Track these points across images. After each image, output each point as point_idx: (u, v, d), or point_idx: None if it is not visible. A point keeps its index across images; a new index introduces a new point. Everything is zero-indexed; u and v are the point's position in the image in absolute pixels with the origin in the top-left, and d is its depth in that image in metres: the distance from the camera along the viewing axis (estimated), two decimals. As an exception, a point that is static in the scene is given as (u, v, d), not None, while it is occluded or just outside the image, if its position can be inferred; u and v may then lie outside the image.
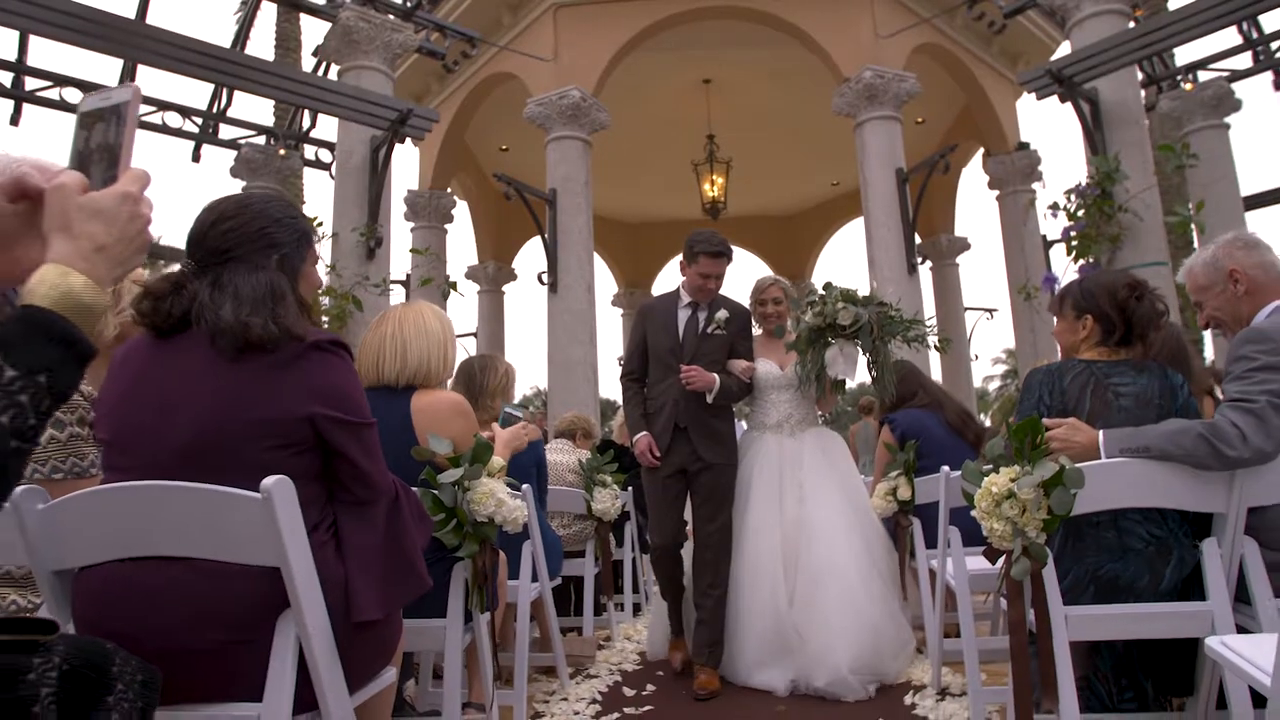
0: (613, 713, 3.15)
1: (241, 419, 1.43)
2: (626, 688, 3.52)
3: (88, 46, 6.32)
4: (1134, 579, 2.10)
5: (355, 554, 1.48)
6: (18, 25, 6.52)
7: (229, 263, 1.56)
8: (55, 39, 6.15)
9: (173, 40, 5.86)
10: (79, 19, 5.62)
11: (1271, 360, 1.97)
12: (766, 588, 3.52)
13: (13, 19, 5.76)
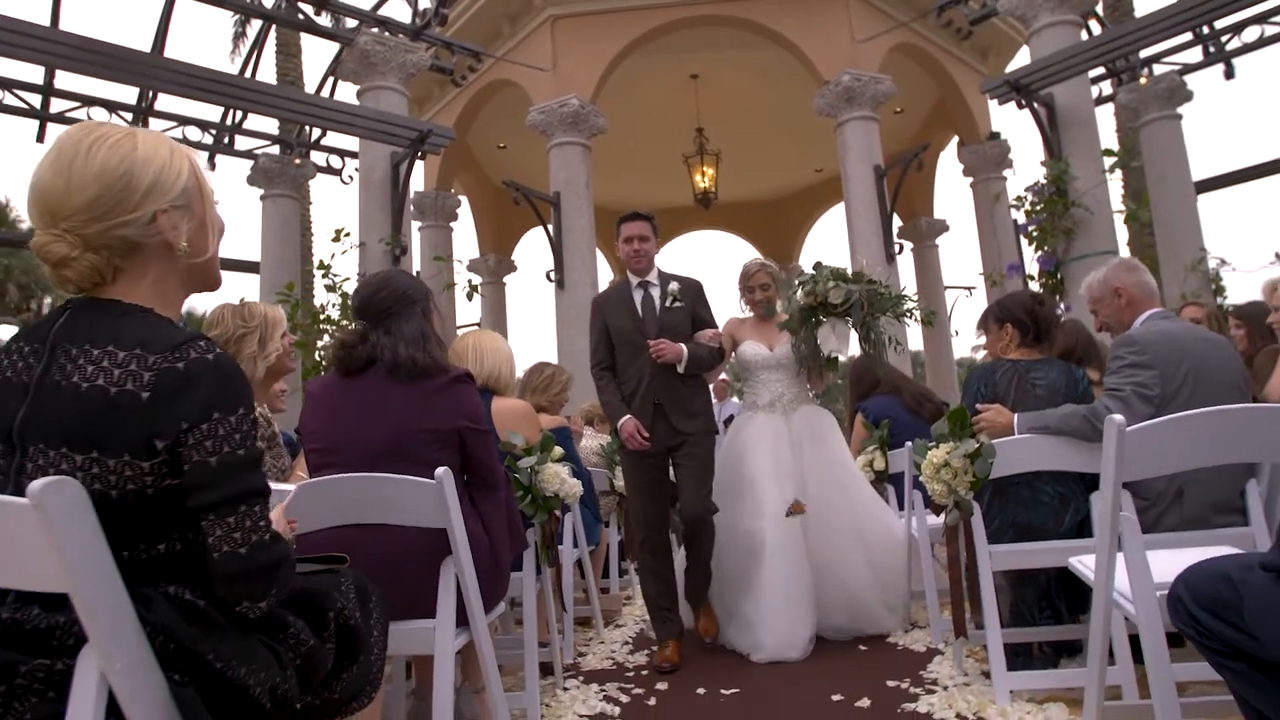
0: (641, 651, 3.84)
1: (415, 428, 2.11)
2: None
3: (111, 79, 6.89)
4: (1042, 524, 2.81)
5: (488, 520, 2.17)
6: (45, 62, 7.08)
7: (390, 318, 2.26)
8: (80, 73, 6.72)
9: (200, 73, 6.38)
10: (100, 54, 6.03)
11: (1138, 359, 2.66)
12: (762, 565, 3.63)
13: (40, 56, 6.28)
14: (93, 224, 1.23)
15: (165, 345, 1.21)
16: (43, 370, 1.22)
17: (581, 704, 2.96)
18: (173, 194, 1.30)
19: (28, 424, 1.20)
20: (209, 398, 1.20)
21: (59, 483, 1.02)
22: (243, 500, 1.22)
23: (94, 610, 1.06)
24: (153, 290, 1.31)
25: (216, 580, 1.23)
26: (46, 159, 1.25)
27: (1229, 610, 1.26)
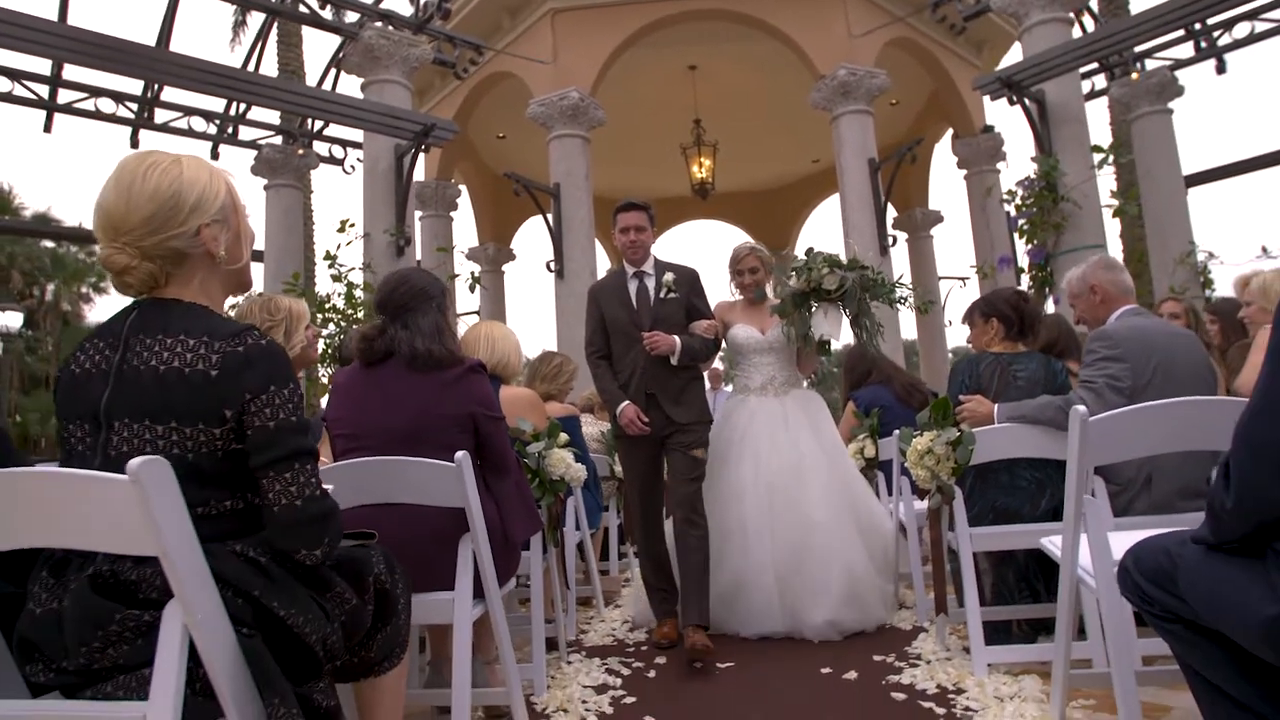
0: (640, 630, 4.02)
1: (434, 414, 2.28)
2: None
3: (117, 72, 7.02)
4: (1019, 508, 2.99)
5: (501, 501, 2.34)
6: (52, 55, 7.23)
7: (408, 312, 2.42)
8: (87, 66, 6.85)
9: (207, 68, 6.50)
10: (107, 48, 6.14)
11: (1110, 353, 2.82)
12: (754, 546, 3.67)
13: (48, 50, 6.40)
14: (148, 237, 1.45)
15: (227, 333, 1.43)
16: (120, 359, 1.42)
17: (585, 676, 3.14)
18: (213, 210, 1.52)
19: (112, 404, 1.40)
20: (267, 374, 1.42)
21: (153, 461, 1.19)
22: (296, 458, 1.43)
23: (179, 570, 1.23)
24: (199, 292, 1.53)
25: (275, 531, 1.43)
26: (109, 184, 1.46)
27: (1166, 579, 1.43)
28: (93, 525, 1.23)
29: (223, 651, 1.29)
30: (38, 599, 1.36)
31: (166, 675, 1.24)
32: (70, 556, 1.37)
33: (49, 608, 1.33)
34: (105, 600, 1.30)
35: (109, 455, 1.38)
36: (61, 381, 1.48)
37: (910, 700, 2.65)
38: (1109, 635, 1.91)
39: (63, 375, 1.49)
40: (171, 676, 1.24)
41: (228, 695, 1.30)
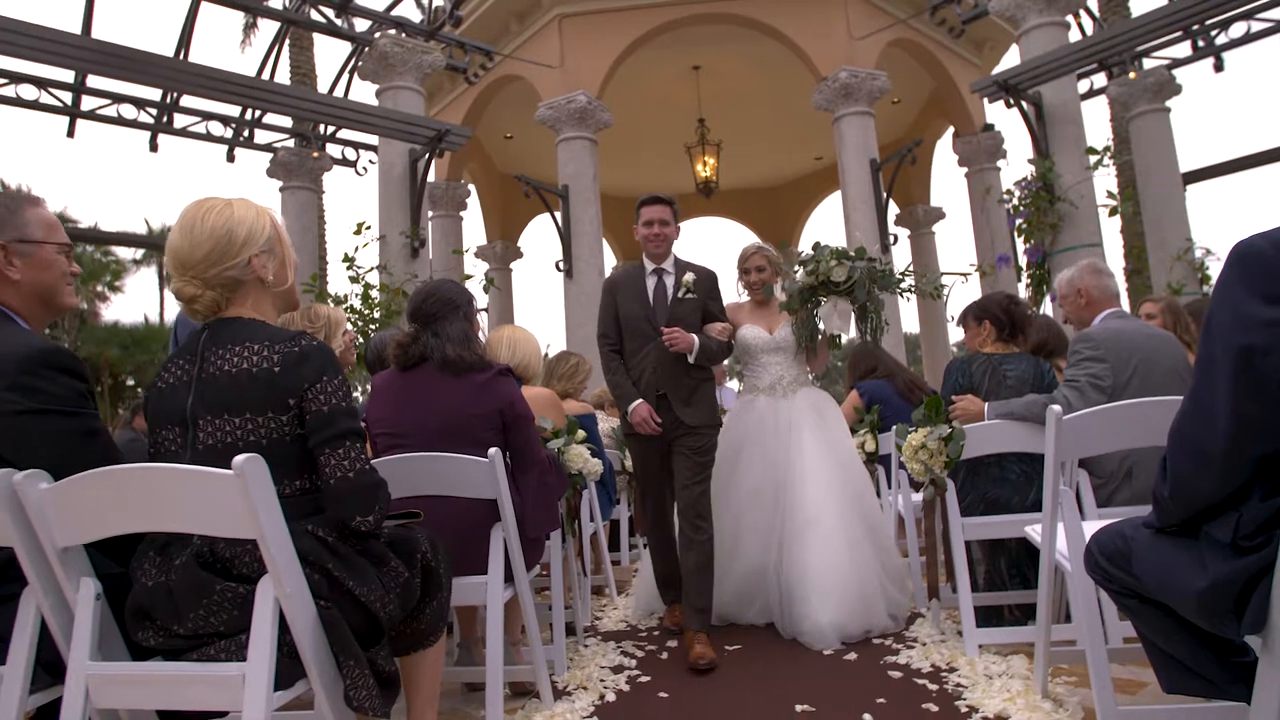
0: (652, 616, 4.23)
1: (467, 414, 2.50)
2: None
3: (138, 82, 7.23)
4: (1008, 498, 3.20)
5: (526, 496, 2.56)
6: (76, 67, 7.47)
7: (437, 321, 2.64)
8: (108, 77, 7.09)
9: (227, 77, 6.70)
10: (128, 60, 6.37)
11: (1093, 354, 3.03)
12: (761, 547, 3.69)
13: (72, 61, 6.64)
14: (209, 269, 1.72)
15: (284, 337, 1.70)
16: (198, 370, 1.68)
17: (602, 658, 3.35)
18: (261, 242, 1.78)
19: (196, 406, 1.66)
20: (320, 366, 1.68)
21: (253, 458, 1.40)
22: (347, 437, 1.68)
23: (273, 550, 1.44)
24: (254, 311, 1.80)
25: (332, 501, 1.66)
26: (174, 230, 1.76)
27: (1123, 559, 1.64)
28: (202, 512, 1.45)
29: (306, 620, 1.51)
30: (147, 574, 1.58)
31: (261, 640, 1.46)
32: (172, 538, 1.60)
33: (158, 581, 1.56)
34: (207, 574, 1.52)
35: (197, 449, 1.64)
36: (150, 398, 1.75)
37: (906, 678, 2.87)
38: (1080, 612, 2.12)
39: (151, 393, 1.76)
40: (266, 641, 1.46)
41: (310, 658, 1.52)
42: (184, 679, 1.54)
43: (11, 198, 1.84)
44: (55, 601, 1.59)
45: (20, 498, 1.52)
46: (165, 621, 1.56)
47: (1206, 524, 1.39)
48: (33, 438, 1.62)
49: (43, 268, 1.83)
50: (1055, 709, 2.36)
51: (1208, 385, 1.31)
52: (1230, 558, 1.32)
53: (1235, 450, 1.28)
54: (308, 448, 1.67)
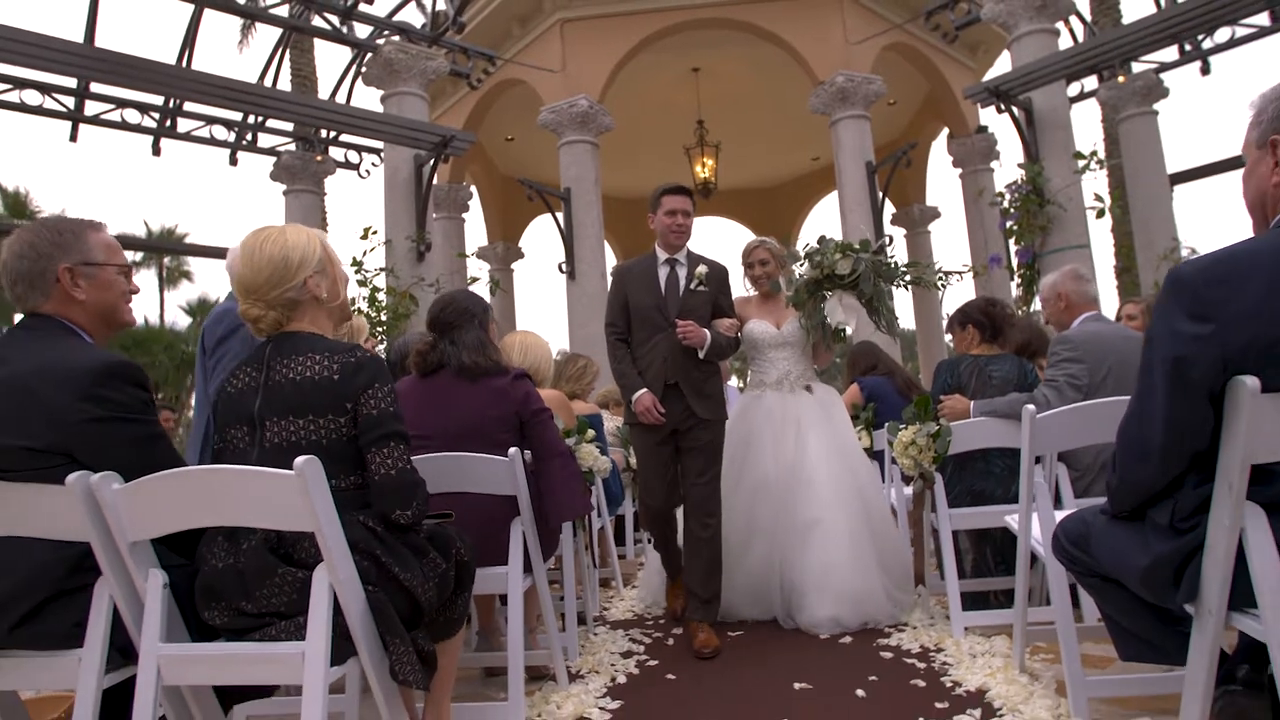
0: (657, 605, 4.42)
1: (487, 416, 2.69)
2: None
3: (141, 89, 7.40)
4: (993, 491, 3.39)
5: (554, 484, 2.75)
6: (80, 75, 7.63)
7: (454, 329, 2.83)
8: (112, 84, 7.26)
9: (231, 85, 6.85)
10: (131, 68, 6.53)
11: (1070, 355, 3.22)
12: (766, 542, 3.71)
13: (76, 70, 6.82)
14: (270, 292, 1.93)
15: (342, 350, 1.92)
16: (265, 377, 1.89)
17: (612, 644, 3.54)
18: (313, 264, 1.99)
19: (263, 408, 1.86)
20: (372, 375, 1.89)
21: (311, 460, 1.59)
22: (392, 438, 1.89)
23: (328, 541, 1.63)
24: (312, 326, 2.00)
25: (377, 495, 1.86)
26: (239, 259, 1.97)
27: (1084, 542, 1.83)
28: (267, 508, 1.64)
29: (357, 604, 1.70)
30: (216, 557, 1.78)
31: (319, 621, 1.64)
32: (239, 527, 1.78)
33: (227, 563, 1.76)
34: (273, 557, 1.72)
35: (264, 447, 1.84)
36: (220, 400, 1.95)
37: (896, 658, 3.06)
38: (1054, 594, 2.31)
39: (220, 395, 1.96)
40: (322, 622, 1.64)
41: (360, 637, 1.71)
42: (246, 657, 1.73)
43: (75, 223, 2.02)
44: (126, 591, 1.77)
45: (96, 497, 1.70)
46: (233, 600, 1.75)
47: (1150, 509, 1.58)
48: (104, 443, 1.80)
49: (105, 288, 2.01)
50: (1031, 682, 2.55)
51: (1148, 391, 1.50)
52: (1169, 538, 1.51)
53: (1171, 446, 1.47)
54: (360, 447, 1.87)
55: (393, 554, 1.81)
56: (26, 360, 1.82)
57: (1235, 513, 1.37)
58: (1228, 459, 1.37)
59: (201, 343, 3.42)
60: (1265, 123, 1.51)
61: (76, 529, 1.70)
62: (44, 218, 2.10)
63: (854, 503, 3.72)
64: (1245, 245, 1.44)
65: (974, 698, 2.54)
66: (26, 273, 1.92)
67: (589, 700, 2.77)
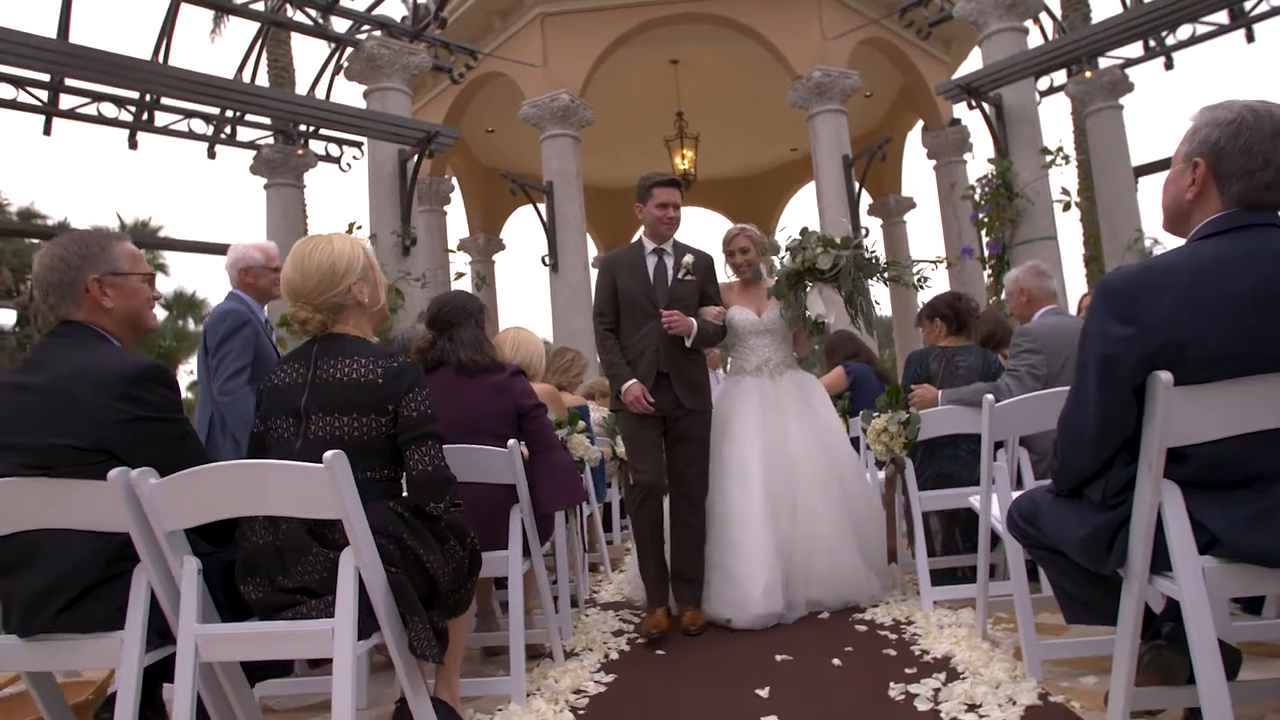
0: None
1: (486, 410, 2.86)
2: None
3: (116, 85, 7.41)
4: (960, 474, 3.61)
5: (551, 474, 2.93)
6: (54, 71, 7.64)
7: (452, 327, 2.99)
8: (86, 80, 7.28)
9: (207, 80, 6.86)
10: (106, 64, 6.54)
11: (1030, 346, 3.44)
12: (750, 527, 3.68)
13: (50, 66, 6.84)
14: (318, 297, 2.12)
15: (384, 355, 2.13)
16: (312, 374, 2.08)
17: (603, 624, 3.74)
18: (357, 271, 2.18)
19: (310, 403, 2.05)
20: (412, 380, 2.09)
21: (338, 455, 1.76)
22: (429, 438, 2.09)
23: (354, 528, 1.80)
24: (355, 329, 2.19)
25: (413, 489, 2.06)
26: (288, 265, 2.16)
27: (1033, 518, 2.03)
28: (299, 497, 1.80)
29: (379, 584, 1.88)
30: (256, 534, 1.96)
31: (346, 600, 1.82)
32: None
33: (267, 540, 1.95)
34: (308, 538, 1.90)
35: (308, 438, 2.04)
36: (266, 391, 2.15)
37: (870, 631, 3.28)
38: (1012, 568, 2.52)
39: (266, 387, 2.15)
40: (350, 601, 1.82)
41: (383, 614, 1.89)
42: (278, 634, 1.91)
43: (102, 235, 2.16)
44: (162, 576, 1.93)
45: (135, 490, 1.86)
46: (271, 575, 1.93)
47: (1086, 488, 1.79)
48: (140, 440, 1.95)
49: (130, 295, 2.15)
50: (991, 648, 2.77)
51: (1082, 384, 1.70)
52: (1102, 512, 1.72)
53: (1102, 433, 1.67)
54: (396, 444, 2.07)
55: (418, 538, 1.99)
56: (64, 365, 1.97)
57: (1154, 489, 1.57)
58: (1148, 443, 1.57)
59: (204, 342, 3.56)
60: (1195, 143, 1.69)
61: (117, 520, 1.86)
62: (72, 231, 2.23)
63: (833, 487, 3.79)
64: (1164, 259, 1.65)
65: (940, 663, 2.76)
66: (58, 284, 2.07)
67: (584, 675, 2.96)
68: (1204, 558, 1.56)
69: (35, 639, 1.92)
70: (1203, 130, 1.67)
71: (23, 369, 2.03)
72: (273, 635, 1.91)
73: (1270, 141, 1.61)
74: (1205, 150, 1.65)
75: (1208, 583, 1.55)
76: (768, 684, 2.70)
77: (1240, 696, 1.92)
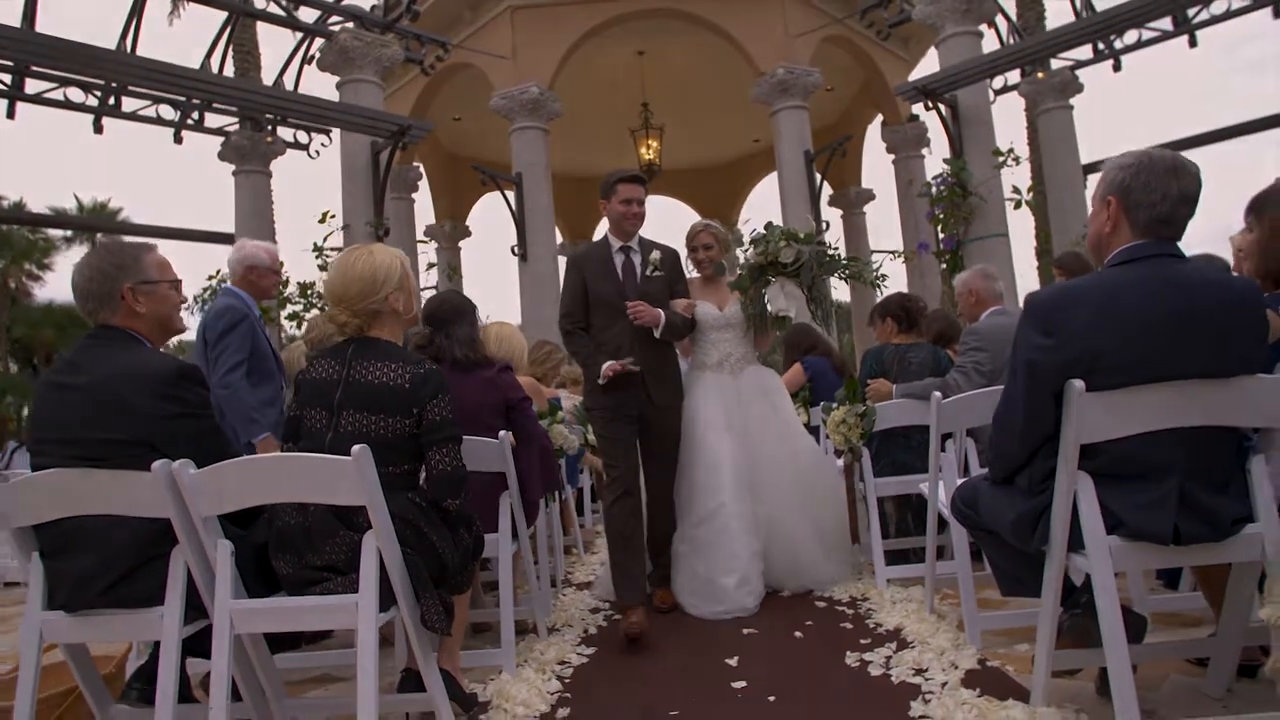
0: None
1: (479, 404, 3.08)
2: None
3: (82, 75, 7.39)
4: (913, 463, 3.92)
5: (534, 463, 3.16)
6: (18, 59, 7.55)
7: (448, 325, 3.20)
8: (51, 69, 7.24)
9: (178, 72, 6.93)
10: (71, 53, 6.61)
11: (977, 345, 3.75)
12: (719, 522, 3.75)
13: (14, 55, 6.82)
14: (358, 303, 2.34)
15: (413, 361, 2.34)
16: (347, 373, 2.30)
17: (580, 603, 3.99)
18: (395, 281, 2.40)
19: (343, 401, 2.26)
20: (437, 386, 2.31)
21: (364, 449, 1.97)
22: (450, 440, 2.31)
23: (376, 514, 2.02)
24: (388, 334, 2.41)
25: (433, 485, 2.29)
26: (332, 272, 2.39)
27: (973, 503, 2.32)
28: (329, 485, 2.02)
29: (396, 564, 2.10)
30: (289, 514, 2.17)
31: (369, 577, 2.04)
32: None
33: (298, 520, 2.16)
34: (335, 520, 2.10)
35: (339, 431, 2.25)
36: (303, 382, 2.37)
37: (829, 606, 3.59)
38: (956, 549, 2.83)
39: (303, 379, 2.37)
40: (372, 579, 2.04)
41: (399, 590, 2.11)
42: (305, 608, 2.12)
43: (133, 247, 2.34)
44: (198, 558, 2.12)
45: (176, 480, 2.05)
46: (301, 553, 2.14)
47: (1016, 477, 2.08)
48: (178, 434, 2.14)
49: (160, 301, 2.33)
50: (938, 621, 3.09)
51: (1012, 386, 1.99)
52: (1028, 498, 2.01)
53: (1028, 429, 1.96)
54: (419, 442, 2.29)
55: (432, 525, 2.22)
56: (107, 367, 2.15)
57: (1070, 479, 1.86)
58: (1065, 439, 1.85)
59: (202, 337, 3.72)
60: (1106, 184, 1.99)
61: (160, 507, 2.05)
62: (104, 242, 2.39)
63: (795, 480, 3.89)
64: (1079, 281, 1.93)
65: (892, 634, 3.06)
66: (96, 293, 2.25)
67: (567, 648, 3.22)
68: (1110, 537, 1.86)
69: (80, 614, 2.11)
70: (1111, 173, 1.96)
71: (65, 370, 2.22)
72: (301, 609, 2.13)
73: (1164, 178, 1.90)
74: (1115, 189, 1.94)
75: (1113, 558, 1.85)
76: (736, 654, 2.98)
77: (1146, 656, 2.25)
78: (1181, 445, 1.85)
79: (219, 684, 2.04)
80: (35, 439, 2.26)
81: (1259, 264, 2.20)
